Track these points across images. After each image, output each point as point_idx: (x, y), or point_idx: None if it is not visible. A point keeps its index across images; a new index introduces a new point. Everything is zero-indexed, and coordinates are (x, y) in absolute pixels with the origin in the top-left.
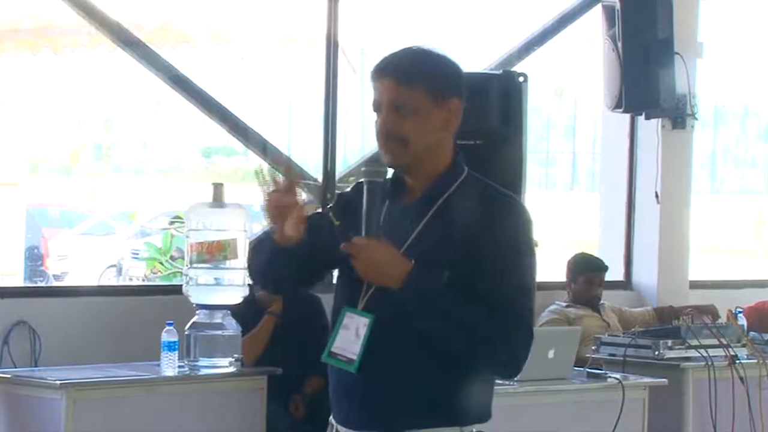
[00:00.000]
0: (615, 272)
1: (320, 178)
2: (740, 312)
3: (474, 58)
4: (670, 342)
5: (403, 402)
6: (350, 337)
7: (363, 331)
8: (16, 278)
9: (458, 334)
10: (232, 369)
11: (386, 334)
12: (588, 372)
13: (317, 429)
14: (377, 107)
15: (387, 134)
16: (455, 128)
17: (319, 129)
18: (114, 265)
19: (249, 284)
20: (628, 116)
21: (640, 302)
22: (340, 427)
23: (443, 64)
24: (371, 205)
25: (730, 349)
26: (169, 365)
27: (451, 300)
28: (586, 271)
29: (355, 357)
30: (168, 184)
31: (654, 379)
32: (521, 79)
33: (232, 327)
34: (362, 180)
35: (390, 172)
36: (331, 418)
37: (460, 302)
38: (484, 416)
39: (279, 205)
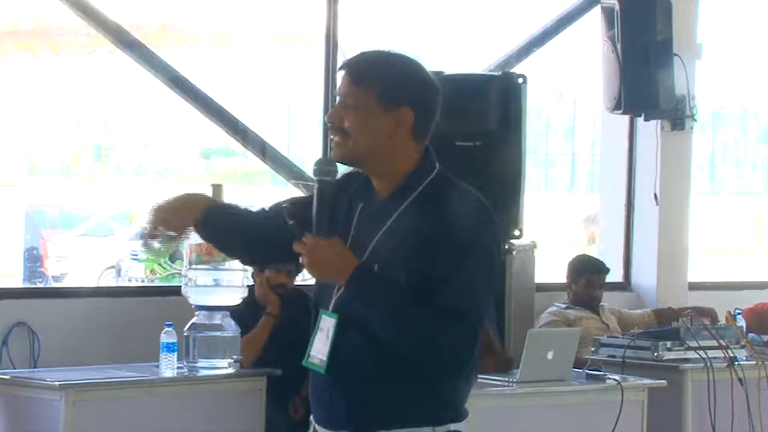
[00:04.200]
0: (614, 273)
1: None
2: (739, 313)
3: (473, 60)
4: (669, 343)
5: (369, 402)
6: (323, 338)
7: (331, 332)
8: (15, 279)
9: (399, 332)
10: (231, 370)
11: (350, 334)
12: (587, 373)
13: None
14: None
15: (331, 125)
16: (409, 135)
17: (319, 129)
18: (113, 266)
19: (248, 285)
20: (627, 117)
21: (639, 303)
22: (318, 427)
23: (401, 71)
24: (320, 203)
25: (729, 351)
26: (168, 366)
27: (394, 298)
28: (587, 272)
29: (324, 358)
30: (167, 185)
31: (653, 381)
32: (520, 80)
33: (231, 328)
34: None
35: (341, 170)
36: (311, 417)
37: (405, 301)
38: (458, 415)
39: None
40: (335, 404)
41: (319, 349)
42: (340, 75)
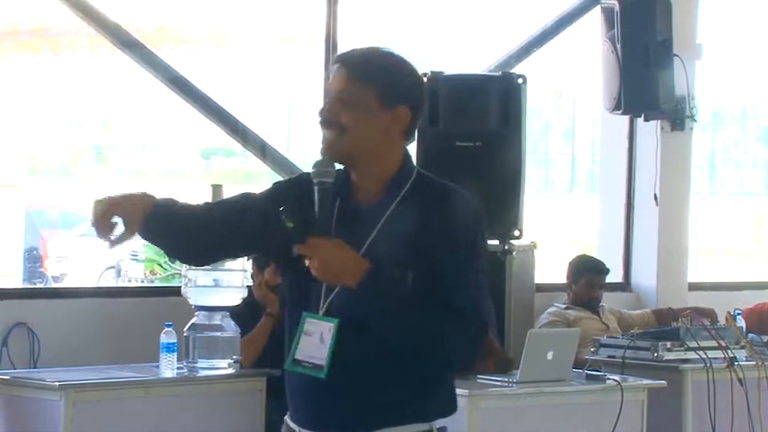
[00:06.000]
0: (614, 274)
1: None
2: (739, 314)
3: (473, 60)
4: (669, 344)
5: (371, 402)
6: (314, 342)
7: (328, 337)
8: (15, 280)
9: (409, 333)
10: (231, 370)
11: (351, 336)
12: (587, 374)
13: None
14: (327, 94)
15: (325, 121)
16: (401, 134)
17: (319, 129)
18: (113, 267)
19: (248, 285)
20: (627, 118)
21: (638, 304)
22: (302, 430)
23: (399, 71)
24: (323, 205)
25: (728, 351)
26: (168, 366)
27: (410, 300)
28: (587, 273)
29: (323, 363)
30: (167, 186)
31: (653, 381)
32: (520, 80)
33: (231, 328)
34: (306, 174)
35: (337, 168)
36: (287, 419)
37: (418, 302)
38: (448, 411)
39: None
40: (335, 406)
41: (311, 353)
42: (333, 69)
